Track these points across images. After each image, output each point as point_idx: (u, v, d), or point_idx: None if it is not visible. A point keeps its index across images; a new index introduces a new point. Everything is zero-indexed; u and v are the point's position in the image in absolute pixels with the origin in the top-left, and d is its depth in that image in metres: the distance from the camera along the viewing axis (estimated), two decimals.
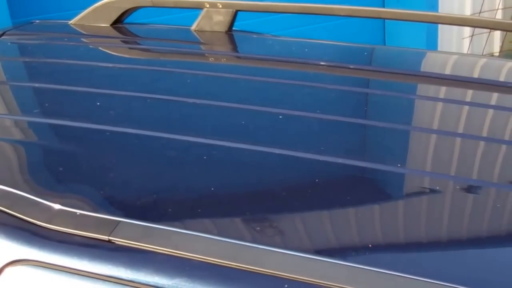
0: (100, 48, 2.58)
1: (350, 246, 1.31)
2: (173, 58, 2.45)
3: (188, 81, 2.16)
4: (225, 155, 1.61)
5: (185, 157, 1.62)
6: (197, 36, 2.72)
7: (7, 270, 1.32)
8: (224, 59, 2.51)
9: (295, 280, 1.17)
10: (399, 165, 1.60)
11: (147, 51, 2.61)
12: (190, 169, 1.56)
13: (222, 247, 1.25)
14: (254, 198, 1.46)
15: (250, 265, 1.20)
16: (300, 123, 1.81)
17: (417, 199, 1.47)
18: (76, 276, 1.27)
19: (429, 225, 1.38)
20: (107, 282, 1.25)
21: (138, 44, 2.75)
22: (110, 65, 2.32)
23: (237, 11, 2.63)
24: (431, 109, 1.97)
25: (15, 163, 1.63)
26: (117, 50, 2.62)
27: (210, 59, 2.55)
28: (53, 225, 1.35)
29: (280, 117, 1.80)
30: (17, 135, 1.76)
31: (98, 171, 1.56)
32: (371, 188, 1.53)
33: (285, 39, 2.88)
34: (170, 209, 1.41)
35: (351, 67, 2.33)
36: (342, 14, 2.52)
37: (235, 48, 2.77)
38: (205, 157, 1.59)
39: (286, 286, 1.16)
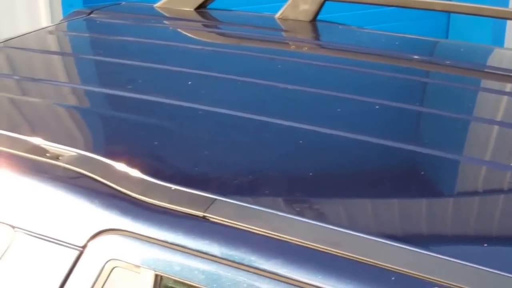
0: (186, 31, 2.58)
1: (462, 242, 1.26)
2: (256, 44, 2.43)
3: (278, 66, 2.14)
4: (323, 141, 1.58)
5: (280, 141, 1.59)
6: (280, 24, 2.70)
7: (99, 238, 1.32)
8: (306, 47, 2.47)
9: (400, 273, 1.12)
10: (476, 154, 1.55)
11: (229, 36, 2.60)
12: (287, 153, 1.53)
13: (323, 233, 1.22)
14: (355, 186, 1.42)
15: (353, 254, 1.16)
16: (389, 112, 1.79)
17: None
18: (169, 249, 1.26)
19: None
20: (200, 258, 1.23)
21: (221, 28, 2.74)
22: (197, 47, 2.32)
23: (324, 1, 2.59)
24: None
25: (112, 136, 1.63)
26: (202, 34, 2.61)
27: (292, 47, 2.52)
28: (147, 197, 1.33)
29: (377, 107, 1.76)
30: (113, 109, 1.76)
31: (193, 148, 1.55)
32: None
33: (369, 31, 2.83)
34: (268, 191, 1.38)
35: (433, 60, 2.30)
36: (438, 8, 2.45)
37: (317, 37, 2.74)
38: (301, 142, 1.56)
39: (393, 278, 1.11)
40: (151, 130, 1.62)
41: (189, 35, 2.52)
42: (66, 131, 1.66)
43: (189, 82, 1.89)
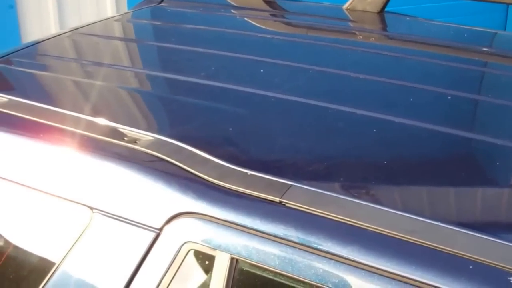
0: (255, 20, 2.59)
1: None
2: (325, 34, 2.43)
3: (348, 56, 2.13)
4: (396, 130, 1.57)
5: (354, 129, 1.59)
6: (348, 14, 2.68)
7: (176, 221, 1.34)
8: (374, 38, 2.45)
9: (476, 262, 1.11)
10: None
11: (298, 26, 2.60)
12: (361, 141, 1.53)
13: (399, 220, 1.21)
14: (431, 174, 1.41)
15: (429, 242, 1.15)
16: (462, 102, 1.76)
17: None
18: (245, 233, 1.27)
19: None
20: (276, 243, 1.24)
21: (290, 18, 2.74)
22: (268, 36, 2.32)
23: None
24: None
25: (187, 121, 1.65)
26: (271, 23, 2.62)
27: (360, 37, 2.50)
28: (223, 182, 1.35)
29: (449, 97, 1.74)
30: (187, 95, 1.78)
31: (267, 135, 1.56)
32: None
33: (435, 23, 2.78)
34: (342, 178, 1.38)
35: (502, 52, 2.27)
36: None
37: (385, 28, 2.72)
38: (374, 130, 1.55)
39: (470, 267, 1.10)
40: (225, 117, 1.64)
41: (258, 24, 2.53)
42: (143, 116, 1.69)
43: (261, 70, 1.90)
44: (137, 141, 1.49)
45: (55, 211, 1.48)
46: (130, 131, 1.53)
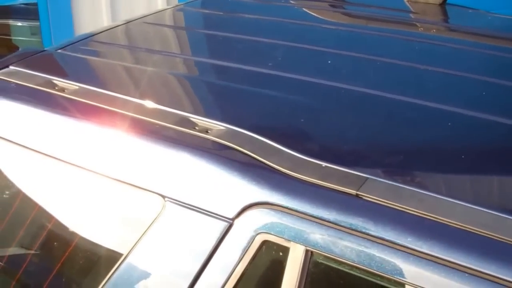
0: (316, 11, 2.57)
1: None
2: (388, 25, 2.40)
3: (415, 47, 2.10)
4: (473, 124, 1.54)
5: (429, 122, 1.56)
6: (410, 6, 2.65)
7: (250, 211, 1.34)
8: (434, 30, 2.41)
9: None
10: None
11: (360, 16, 2.57)
12: (437, 134, 1.50)
13: (480, 216, 1.18)
14: None
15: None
16: None
17: None
18: (321, 225, 1.26)
19: None
20: (353, 236, 1.22)
21: (352, 9, 2.71)
22: (331, 27, 2.31)
23: None
24: None
25: (259, 112, 1.64)
26: (333, 14, 2.60)
27: (422, 28, 2.46)
28: (298, 173, 1.34)
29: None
30: (256, 85, 1.77)
31: (340, 126, 1.55)
32: None
33: (498, 16, 2.72)
34: (419, 171, 1.36)
35: None
36: None
37: (447, 20, 2.68)
38: (449, 123, 1.52)
39: None
40: (296, 108, 1.63)
41: (319, 15, 2.51)
42: (213, 106, 1.69)
43: (329, 61, 1.89)
44: (209, 131, 1.49)
45: (128, 199, 1.49)
46: (201, 120, 1.53)
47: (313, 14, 2.52)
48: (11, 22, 5.96)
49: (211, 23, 2.42)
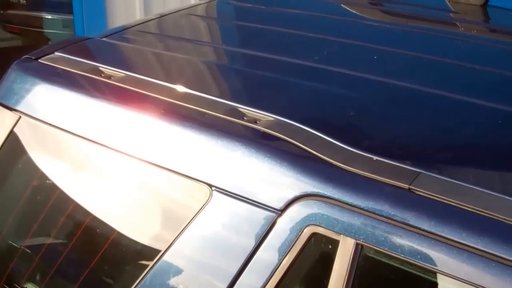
0: (354, 7, 2.56)
1: None
2: (430, 24, 2.38)
3: (461, 46, 2.09)
4: None
5: (479, 119, 1.54)
6: (451, 6, 2.63)
7: (299, 203, 1.33)
8: (475, 30, 2.39)
9: None
10: None
11: (402, 15, 2.55)
12: (490, 131, 1.48)
13: None
14: None
15: None
16: None
17: None
18: (372, 219, 1.25)
19: None
20: (405, 230, 1.21)
21: (392, 7, 2.68)
22: (372, 23, 2.29)
23: None
24: None
25: (309, 104, 1.64)
26: (373, 11, 2.58)
27: (463, 29, 2.44)
28: (349, 166, 1.32)
29: None
30: (305, 79, 1.76)
31: (391, 121, 1.54)
32: None
33: None
34: (472, 167, 1.34)
35: None
36: None
37: (488, 21, 2.65)
38: (500, 121, 1.50)
39: None
40: (346, 101, 1.62)
41: (361, 12, 2.50)
42: (261, 97, 1.67)
43: (375, 57, 1.87)
44: (257, 121, 1.48)
45: (175, 187, 1.49)
46: (249, 111, 1.52)
47: (353, 11, 2.50)
48: (43, 14, 6.01)
49: (252, 17, 2.41)
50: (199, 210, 1.44)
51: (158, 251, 1.47)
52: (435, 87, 1.65)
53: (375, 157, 1.34)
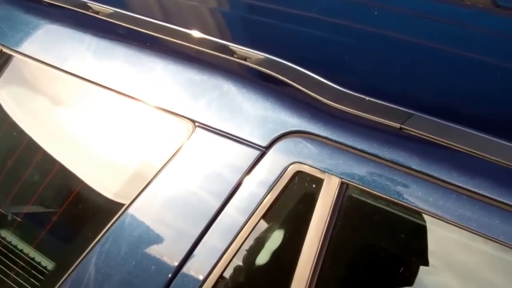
0: None
1: None
2: None
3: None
4: None
5: (474, 65, 1.49)
6: None
7: (285, 140, 1.28)
8: None
9: None
10: None
11: None
12: (485, 76, 1.43)
13: None
14: None
15: None
16: None
17: None
18: (360, 157, 1.20)
19: None
20: (394, 170, 1.15)
21: None
22: None
23: None
24: None
25: (302, 46, 1.58)
26: None
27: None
28: (339, 104, 1.27)
29: None
30: (304, 25, 1.70)
31: (384, 64, 1.48)
32: None
33: None
34: (467, 111, 1.29)
35: None
36: None
37: None
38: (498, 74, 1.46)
39: None
40: (340, 45, 1.57)
41: None
42: (254, 37, 1.62)
43: (375, 13, 1.81)
44: (248, 59, 1.43)
45: (157, 123, 1.43)
46: (240, 49, 1.47)
47: None
48: None
49: None
50: (180, 147, 1.38)
51: (140, 186, 1.41)
52: (431, 39, 1.60)
53: (367, 98, 1.28)
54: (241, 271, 1.30)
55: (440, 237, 1.15)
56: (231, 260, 1.27)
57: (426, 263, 1.18)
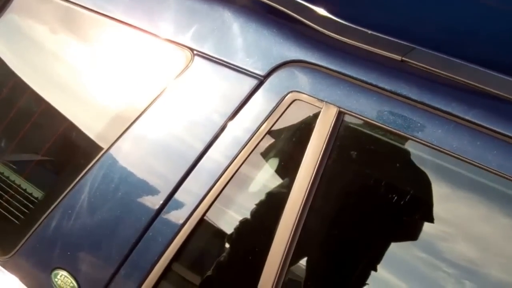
0: None
1: None
2: None
3: None
4: None
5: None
6: None
7: (284, 69, 1.27)
8: None
9: None
10: None
11: None
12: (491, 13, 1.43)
13: None
14: None
15: None
16: None
17: None
18: (359, 87, 1.19)
19: None
20: (394, 100, 1.15)
21: None
22: None
23: None
24: None
25: None
26: None
27: None
28: (341, 36, 1.26)
29: None
30: None
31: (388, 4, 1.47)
32: None
33: None
34: (470, 48, 1.28)
35: None
36: None
37: None
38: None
39: None
40: None
41: None
42: None
43: None
44: None
45: (155, 51, 1.41)
46: None
47: None
48: None
49: None
50: (178, 75, 1.37)
51: (134, 113, 1.40)
52: None
53: (369, 31, 1.27)
54: (236, 194, 1.29)
55: (437, 166, 1.14)
56: (226, 185, 1.27)
57: (422, 193, 1.17)
